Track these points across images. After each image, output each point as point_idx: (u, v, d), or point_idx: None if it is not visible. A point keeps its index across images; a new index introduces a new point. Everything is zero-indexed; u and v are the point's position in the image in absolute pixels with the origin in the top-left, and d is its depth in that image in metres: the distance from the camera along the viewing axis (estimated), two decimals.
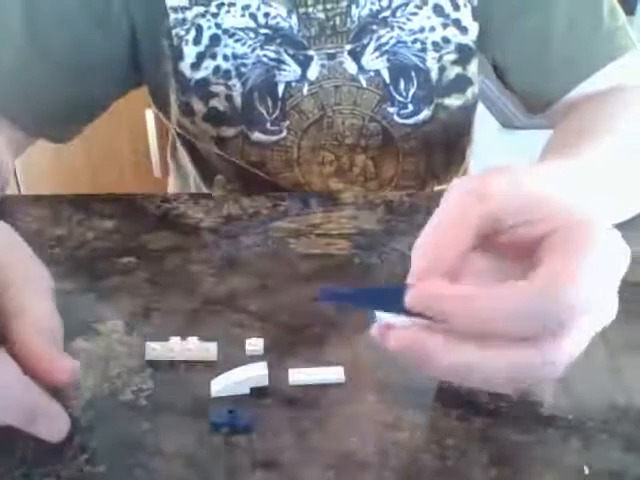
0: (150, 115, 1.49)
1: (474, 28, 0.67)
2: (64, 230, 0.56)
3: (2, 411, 0.33)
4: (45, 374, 0.34)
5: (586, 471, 0.35)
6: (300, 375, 0.41)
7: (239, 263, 0.52)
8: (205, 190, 0.79)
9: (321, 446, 0.37)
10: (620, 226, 0.53)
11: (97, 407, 0.38)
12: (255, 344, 0.43)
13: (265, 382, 0.40)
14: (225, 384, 0.40)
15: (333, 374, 0.41)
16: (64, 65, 0.62)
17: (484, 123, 0.82)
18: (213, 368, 0.42)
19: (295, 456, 0.36)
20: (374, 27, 0.65)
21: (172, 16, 0.63)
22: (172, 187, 0.88)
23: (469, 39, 0.67)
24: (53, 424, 0.34)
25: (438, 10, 0.65)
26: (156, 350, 0.42)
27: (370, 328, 0.34)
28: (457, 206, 0.34)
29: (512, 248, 0.35)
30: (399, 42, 0.66)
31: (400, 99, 0.68)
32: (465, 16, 0.66)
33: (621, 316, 0.47)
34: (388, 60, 0.66)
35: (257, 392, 0.40)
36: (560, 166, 0.45)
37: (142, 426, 0.38)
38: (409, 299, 0.32)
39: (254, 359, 0.42)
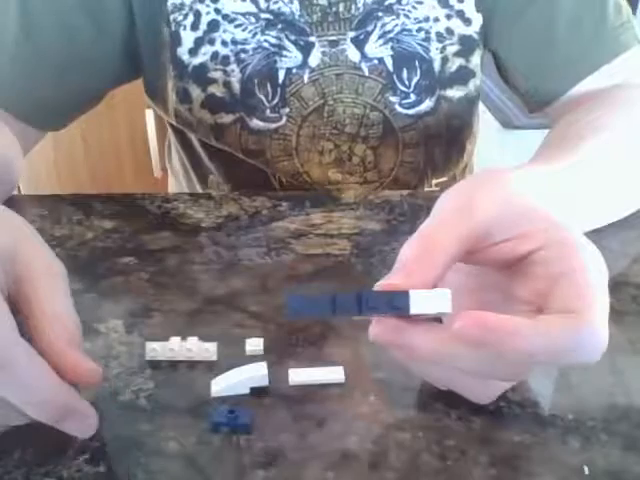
0: (150, 115, 1.49)
1: (477, 19, 0.67)
2: (64, 230, 0.56)
3: (33, 408, 0.32)
4: (69, 376, 0.34)
5: (586, 471, 0.35)
6: (300, 375, 0.41)
7: (239, 263, 0.52)
8: (200, 190, 0.78)
9: (321, 446, 0.37)
10: (620, 226, 0.53)
11: (97, 407, 0.38)
12: (255, 344, 0.43)
13: (265, 382, 0.40)
14: (225, 384, 0.40)
15: (333, 374, 0.41)
16: (58, 59, 0.62)
17: (484, 123, 0.82)
18: (213, 368, 0.42)
19: (295, 456, 0.36)
20: (379, 14, 0.65)
21: (170, 1, 0.64)
22: (172, 187, 0.88)
23: (472, 30, 0.67)
24: (83, 420, 0.34)
25: (443, 1, 0.66)
26: (156, 350, 0.42)
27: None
28: (447, 220, 0.35)
29: (491, 260, 0.36)
30: (404, 30, 0.66)
31: (403, 88, 0.68)
32: (469, 7, 0.66)
33: (621, 316, 0.47)
34: (392, 48, 0.66)
35: (257, 392, 0.40)
36: (553, 168, 0.46)
37: (142, 426, 0.38)
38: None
39: (254, 359, 0.42)
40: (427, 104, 0.69)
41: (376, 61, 0.66)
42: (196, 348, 0.42)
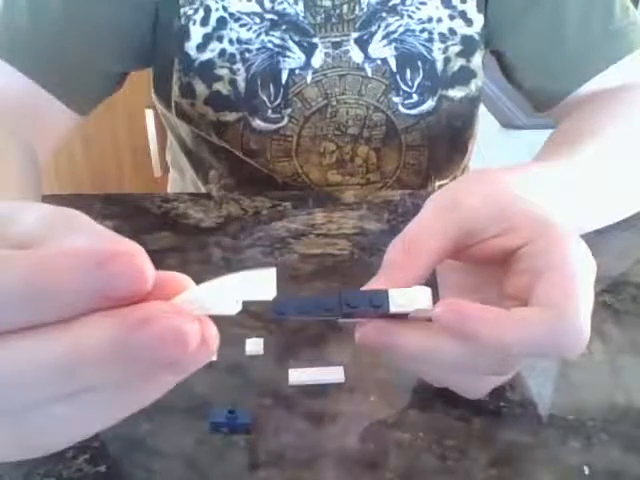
0: (150, 115, 1.49)
1: (479, 20, 0.67)
2: None
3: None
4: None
5: (586, 471, 0.35)
6: (300, 375, 0.41)
7: (239, 263, 0.52)
8: (201, 186, 0.78)
9: (321, 446, 0.37)
10: (621, 226, 0.53)
11: None
12: (255, 344, 0.43)
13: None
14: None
15: (333, 374, 0.41)
16: (95, 34, 0.62)
17: (484, 123, 0.82)
18: (213, 368, 0.42)
19: (295, 456, 0.36)
20: (383, 14, 0.65)
21: None
22: (175, 182, 0.88)
23: (473, 31, 0.67)
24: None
25: (446, 1, 0.66)
26: None
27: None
28: (432, 218, 0.35)
29: (483, 257, 0.36)
30: (407, 30, 0.66)
31: (405, 89, 0.68)
32: (471, 8, 0.66)
33: (621, 316, 0.47)
34: (396, 48, 0.66)
35: (257, 392, 0.40)
36: (552, 168, 0.46)
37: (142, 426, 0.38)
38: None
39: (254, 359, 0.42)
40: (429, 104, 0.69)
41: (379, 61, 0.66)
42: None
